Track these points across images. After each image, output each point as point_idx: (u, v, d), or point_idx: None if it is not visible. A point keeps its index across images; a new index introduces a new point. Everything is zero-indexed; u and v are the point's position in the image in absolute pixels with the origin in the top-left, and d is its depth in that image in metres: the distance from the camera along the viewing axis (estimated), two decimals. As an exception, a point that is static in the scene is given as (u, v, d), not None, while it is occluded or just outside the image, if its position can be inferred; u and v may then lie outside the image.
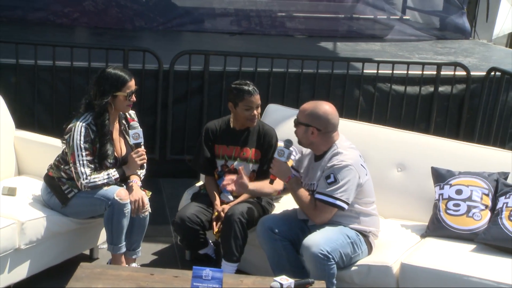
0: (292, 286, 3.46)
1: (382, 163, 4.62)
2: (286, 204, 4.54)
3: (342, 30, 9.16)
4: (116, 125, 4.30)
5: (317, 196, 3.97)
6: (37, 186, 4.40)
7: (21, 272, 4.07)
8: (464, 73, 6.75)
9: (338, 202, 3.92)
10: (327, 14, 9.41)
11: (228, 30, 8.82)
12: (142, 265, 4.49)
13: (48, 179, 4.26)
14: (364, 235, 4.07)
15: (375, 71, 6.59)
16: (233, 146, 4.43)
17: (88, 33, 8.48)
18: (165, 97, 6.29)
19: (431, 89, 6.77)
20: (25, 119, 5.87)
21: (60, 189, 4.18)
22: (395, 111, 6.70)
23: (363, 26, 9.38)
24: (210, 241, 4.52)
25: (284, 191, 4.45)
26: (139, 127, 4.32)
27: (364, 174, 4.04)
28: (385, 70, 6.64)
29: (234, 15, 8.85)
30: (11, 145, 4.74)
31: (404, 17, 10.02)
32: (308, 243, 3.84)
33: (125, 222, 4.13)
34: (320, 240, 3.84)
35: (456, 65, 6.76)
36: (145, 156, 4.27)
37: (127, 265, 4.23)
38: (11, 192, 4.33)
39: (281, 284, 3.43)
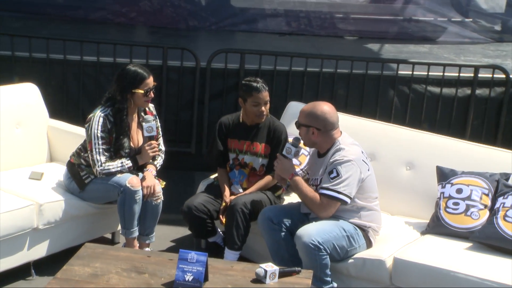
0: (277, 273, 3.62)
1: (391, 161, 4.71)
2: (296, 198, 4.69)
3: (392, 32, 9.16)
4: (135, 117, 4.57)
5: (321, 191, 4.10)
6: (63, 173, 4.73)
7: (41, 250, 4.41)
8: (503, 76, 6.68)
9: (341, 196, 4.04)
10: (377, 15, 9.43)
11: (278, 30, 9.01)
12: (160, 251, 4.75)
13: (69, 165, 4.59)
14: (363, 229, 4.18)
15: (410, 72, 6.61)
16: (244, 140, 4.62)
17: (144, 31, 8.88)
18: (202, 93, 6.55)
19: (468, 91, 6.73)
20: (72, 111, 6.31)
21: (78, 175, 4.49)
22: (430, 113, 6.70)
23: (414, 28, 9.33)
24: (219, 230, 4.72)
25: (288, 187, 4.58)
26: (153, 121, 4.55)
27: (365, 170, 4.15)
28: (421, 72, 6.67)
29: (284, 16, 9.03)
30: (45, 133, 5.11)
31: (462, 20, 9.90)
32: (300, 233, 3.99)
33: (137, 208, 4.40)
34: (313, 231, 3.98)
35: (494, 67, 6.70)
36: (157, 148, 4.52)
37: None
38: (37, 176, 4.69)
39: (266, 271, 3.58)
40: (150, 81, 4.46)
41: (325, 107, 4.17)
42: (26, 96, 5.09)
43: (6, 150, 4.82)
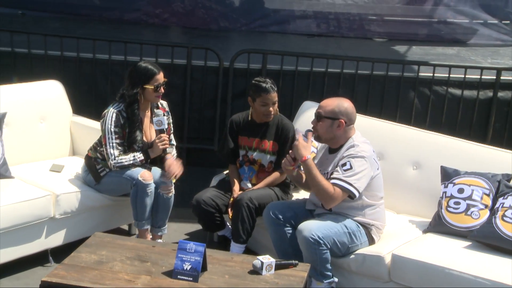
0: (273, 265, 3.75)
1: (399, 161, 4.79)
2: (303, 195, 4.82)
3: (421, 34, 9.18)
4: (148, 113, 4.77)
5: (333, 181, 4.14)
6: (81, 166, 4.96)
7: (58, 239, 4.64)
8: (527, 79, 6.68)
9: (352, 189, 4.10)
10: (406, 17, 9.45)
11: (308, 32, 9.13)
12: (173, 243, 4.92)
13: (86, 158, 4.81)
14: (366, 227, 4.27)
15: (431, 74, 6.66)
16: (253, 138, 4.77)
17: (176, 32, 9.13)
18: (225, 92, 6.72)
19: (490, 94, 6.73)
20: (100, 108, 6.54)
21: (94, 168, 4.71)
22: (451, 115, 6.73)
23: (445, 30, 9.32)
24: (228, 224, 4.88)
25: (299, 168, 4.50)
26: (163, 115, 4.72)
27: (375, 168, 4.24)
28: (443, 74, 6.70)
29: (313, 17, 9.15)
30: (67, 128, 5.36)
31: (495, 22, 9.83)
32: (301, 227, 4.11)
33: (148, 201, 4.59)
34: (313, 225, 4.10)
35: (517, 70, 6.70)
36: (167, 141, 4.68)
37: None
38: (57, 168, 4.93)
39: (262, 263, 3.73)
40: (160, 77, 4.65)
41: (350, 103, 4.31)
42: (51, 92, 5.35)
43: (30, 143, 5.09)
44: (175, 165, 4.69)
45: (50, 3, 9.35)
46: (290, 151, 4.28)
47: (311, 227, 4.09)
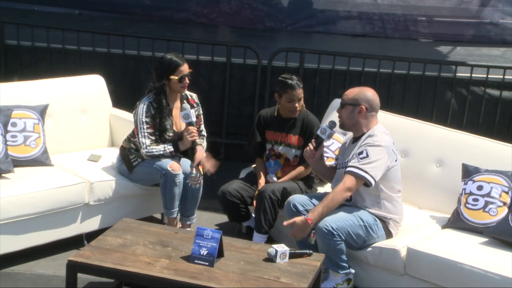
0: (287, 253, 3.90)
1: (423, 158, 4.87)
2: (328, 188, 4.93)
3: (467, 35, 9.13)
4: (177, 104, 4.98)
5: (348, 169, 4.26)
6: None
7: (93, 224, 4.90)
8: None
9: (367, 176, 4.20)
10: (451, 18, 9.40)
11: (352, 32, 9.22)
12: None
13: (121, 149, 5.07)
14: (383, 221, 4.37)
15: (469, 74, 6.66)
16: (280, 132, 4.93)
17: (223, 31, 9.37)
18: (263, 89, 6.89)
19: (530, 95, 6.70)
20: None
21: (128, 158, 4.95)
22: (489, 116, 6.72)
23: (491, 31, 9.24)
24: (253, 215, 5.04)
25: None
26: (190, 108, 4.90)
27: (393, 159, 4.34)
28: (480, 74, 6.70)
29: (357, 18, 9.22)
30: (107, 120, 5.63)
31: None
32: None
33: (177, 190, 4.80)
34: (328, 217, 4.23)
35: (557, 71, 6.63)
36: (195, 134, 4.86)
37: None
38: (95, 158, 5.20)
39: (276, 251, 3.88)
40: (185, 68, 4.84)
41: (372, 91, 4.44)
42: (92, 86, 5.63)
43: (71, 134, 5.39)
44: (205, 162, 4.88)
45: (104, 3, 9.76)
46: (313, 140, 4.45)
47: (325, 219, 4.22)
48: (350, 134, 4.55)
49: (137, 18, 9.45)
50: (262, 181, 4.89)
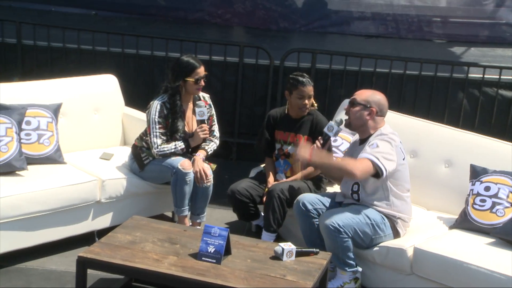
0: (294, 252, 3.94)
1: (432, 159, 4.89)
2: (335, 188, 4.98)
3: (482, 36, 9.11)
4: (190, 105, 5.04)
5: (362, 155, 4.23)
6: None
7: (104, 221, 4.96)
8: None
9: (379, 163, 4.17)
10: (466, 19, 9.39)
11: (366, 33, 9.23)
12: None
13: (133, 147, 5.14)
14: (391, 220, 4.39)
15: (481, 75, 6.65)
16: (289, 132, 4.97)
17: (237, 31, 9.44)
18: (275, 90, 6.94)
19: (542, 96, 6.68)
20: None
21: (139, 156, 5.02)
22: (501, 117, 6.71)
23: (506, 32, 9.20)
24: (262, 214, 5.09)
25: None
26: (204, 106, 4.97)
27: (401, 158, 4.36)
28: (493, 75, 6.69)
29: (371, 19, 9.23)
30: (120, 119, 5.71)
31: None
32: (323, 216, 4.31)
33: (187, 189, 4.85)
34: (334, 214, 4.27)
35: None
36: (207, 131, 4.93)
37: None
38: (107, 156, 5.28)
39: (283, 249, 3.93)
40: (201, 70, 4.90)
41: (382, 96, 4.49)
42: (105, 85, 5.71)
43: (84, 133, 5.46)
44: (197, 165, 4.86)
45: (120, 4, 9.88)
46: (320, 137, 4.50)
47: (332, 216, 4.26)
48: (357, 135, 4.58)
49: (153, 18, 9.56)
50: (271, 180, 4.94)
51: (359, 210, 4.35)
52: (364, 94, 4.47)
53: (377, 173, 4.21)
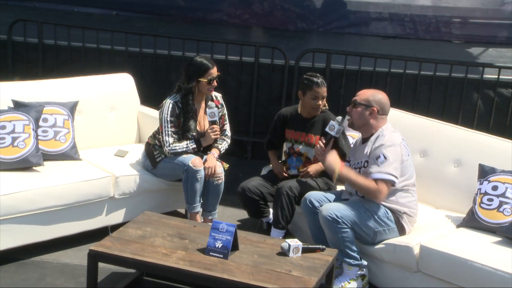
0: (300, 248, 4.01)
1: (441, 158, 4.92)
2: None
3: (501, 36, 9.07)
4: (203, 105, 5.13)
5: (373, 176, 4.31)
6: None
7: (118, 217, 5.06)
8: None
9: (392, 177, 4.29)
10: (485, 19, 9.35)
11: (384, 33, 9.25)
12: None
13: (146, 145, 5.24)
14: (396, 214, 4.42)
15: (496, 76, 6.65)
16: (300, 131, 5.04)
17: (255, 32, 9.52)
18: (290, 89, 7.00)
19: (558, 97, 6.66)
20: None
21: (152, 154, 5.12)
22: (517, 118, 6.71)
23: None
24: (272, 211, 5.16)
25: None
26: (218, 109, 5.05)
27: (406, 154, 4.43)
28: (508, 76, 6.69)
29: (388, 19, 9.25)
30: (135, 117, 5.82)
31: None
32: (321, 208, 4.38)
33: (198, 186, 4.94)
34: (333, 206, 4.36)
35: None
36: (218, 132, 5.02)
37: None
38: (121, 154, 5.38)
39: (289, 245, 4.00)
40: (214, 71, 4.99)
41: (384, 95, 4.56)
42: (121, 84, 5.82)
43: (100, 130, 5.58)
44: (210, 162, 4.95)
45: (140, 4, 10.02)
46: (323, 137, 4.54)
47: (329, 208, 4.34)
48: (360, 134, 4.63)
49: (172, 19, 9.68)
50: (276, 167, 5.07)
51: (360, 203, 4.41)
52: (365, 94, 4.53)
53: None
